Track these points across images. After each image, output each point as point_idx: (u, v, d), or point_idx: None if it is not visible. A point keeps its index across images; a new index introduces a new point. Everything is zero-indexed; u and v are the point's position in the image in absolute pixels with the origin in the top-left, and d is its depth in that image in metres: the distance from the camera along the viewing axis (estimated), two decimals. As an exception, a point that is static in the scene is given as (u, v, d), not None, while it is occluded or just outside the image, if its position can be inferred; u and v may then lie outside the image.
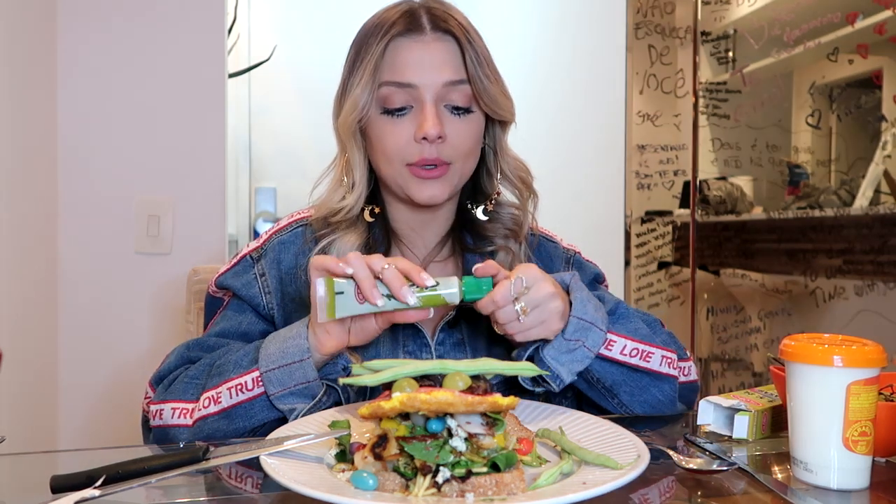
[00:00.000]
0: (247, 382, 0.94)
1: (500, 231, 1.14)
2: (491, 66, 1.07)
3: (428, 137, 1.01)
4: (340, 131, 1.08)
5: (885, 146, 2.20)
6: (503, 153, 1.13)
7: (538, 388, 0.99)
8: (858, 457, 0.74)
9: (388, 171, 1.07)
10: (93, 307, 1.88)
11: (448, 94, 1.04)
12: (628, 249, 2.95)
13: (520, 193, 1.15)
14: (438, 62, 1.03)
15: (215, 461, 0.77)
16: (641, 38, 2.93)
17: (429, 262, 1.14)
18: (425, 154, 1.03)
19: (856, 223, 2.24)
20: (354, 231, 1.08)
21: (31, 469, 0.93)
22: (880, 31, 2.18)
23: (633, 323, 1.03)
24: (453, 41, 1.05)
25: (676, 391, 1.05)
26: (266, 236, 1.13)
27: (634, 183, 2.94)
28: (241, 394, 0.94)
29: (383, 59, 1.04)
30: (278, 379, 0.92)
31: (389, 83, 1.03)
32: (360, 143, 1.08)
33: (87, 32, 1.87)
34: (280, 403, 0.93)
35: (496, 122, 1.11)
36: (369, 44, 1.05)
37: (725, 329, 2.80)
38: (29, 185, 1.76)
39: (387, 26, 1.04)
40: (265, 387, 0.92)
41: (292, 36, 2.93)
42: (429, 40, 1.04)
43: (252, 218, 3.02)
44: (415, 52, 1.03)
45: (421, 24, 1.04)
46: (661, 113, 2.94)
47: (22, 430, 1.72)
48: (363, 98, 1.04)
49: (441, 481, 0.67)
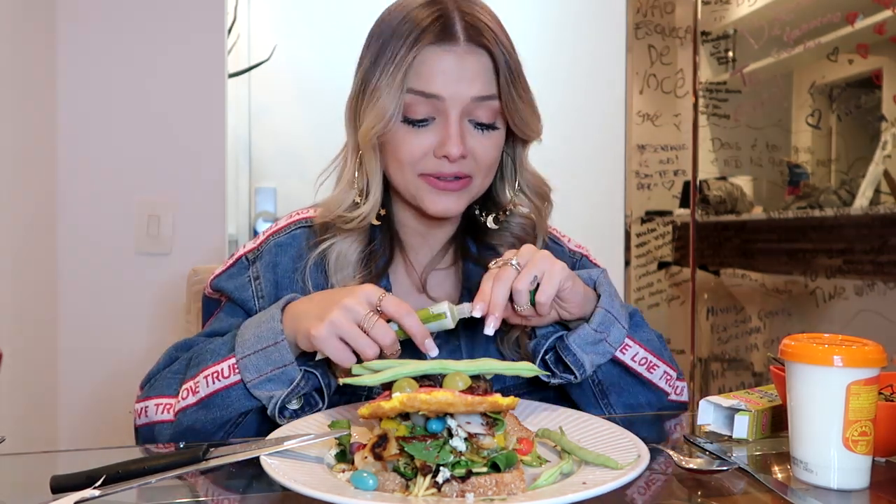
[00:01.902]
0: (223, 370, 0.91)
1: (506, 239, 1.10)
2: (523, 82, 1.02)
3: (450, 157, 0.97)
4: (361, 140, 1.02)
5: (885, 146, 2.20)
6: (521, 167, 1.09)
7: (555, 379, 0.98)
8: (858, 457, 0.74)
9: (400, 179, 1.02)
10: (93, 307, 1.88)
11: (474, 110, 0.99)
12: (628, 249, 2.95)
13: (536, 207, 1.10)
14: (470, 76, 0.97)
15: (215, 461, 0.77)
16: (641, 38, 2.93)
17: (429, 272, 1.11)
18: (444, 169, 0.99)
19: (856, 223, 2.24)
20: (356, 236, 1.05)
21: (31, 469, 0.93)
22: (880, 31, 2.18)
23: (646, 333, 1.04)
24: (487, 56, 0.98)
25: (662, 405, 1.05)
26: (263, 237, 1.09)
27: (634, 183, 2.94)
28: (218, 381, 0.91)
29: (412, 66, 0.97)
30: (254, 365, 0.90)
31: (415, 92, 0.97)
32: (377, 149, 1.02)
33: (87, 32, 1.87)
34: (257, 391, 0.90)
35: (518, 136, 1.06)
36: (396, 47, 0.98)
37: (725, 329, 2.80)
38: (29, 185, 1.76)
39: (417, 32, 0.97)
40: (241, 374, 0.90)
41: (292, 36, 2.93)
42: (462, 52, 0.97)
43: (252, 218, 3.02)
44: (445, 63, 0.97)
45: (454, 34, 0.97)
46: (661, 113, 2.93)
47: (22, 430, 1.72)
48: (391, 108, 0.97)
49: (441, 481, 0.67)
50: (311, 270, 1.05)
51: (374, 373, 0.78)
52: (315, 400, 0.93)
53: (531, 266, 0.91)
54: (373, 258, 1.06)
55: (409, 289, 1.11)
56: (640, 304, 2.94)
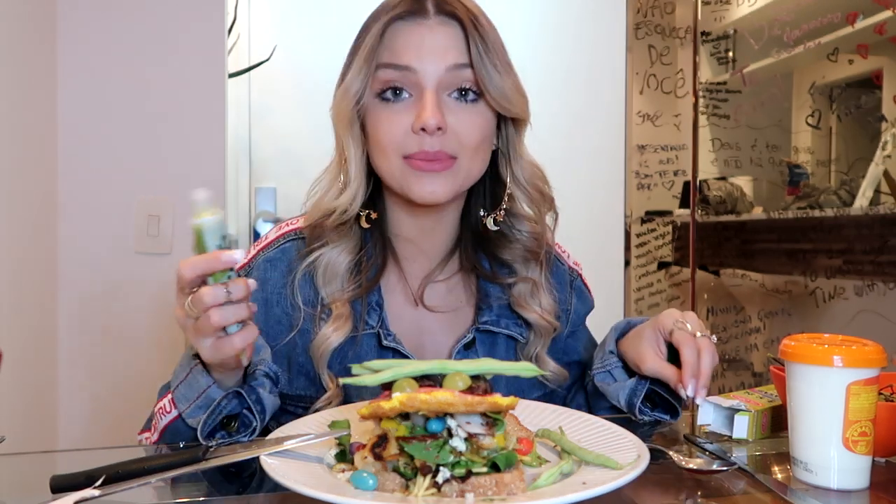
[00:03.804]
0: (166, 405, 0.90)
1: (518, 253, 1.06)
2: (501, 56, 0.97)
3: (427, 128, 0.93)
4: (335, 121, 0.99)
5: (885, 146, 2.20)
6: (516, 154, 1.04)
7: (646, 417, 0.99)
8: (858, 457, 0.74)
9: (385, 165, 0.98)
10: (93, 307, 1.88)
11: (452, 81, 0.95)
12: (628, 249, 2.95)
13: (535, 204, 1.06)
14: (441, 46, 0.95)
15: (215, 461, 0.77)
16: (641, 38, 2.92)
17: (426, 284, 1.05)
18: (425, 146, 0.94)
19: (856, 223, 2.24)
20: (346, 242, 1.00)
21: (31, 469, 0.93)
22: (880, 31, 2.18)
23: None
24: (458, 26, 0.96)
25: None
26: (253, 252, 1.05)
27: (634, 183, 2.94)
28: (164, 416, 0.90)
29: (381, 42, 0.96)
30: (183, 395, 0.87)
31: (386, 65, 0.95)
32: (357, 135, 0.99)
33: (87, 32, 1.87)
34: (190, 419, 0.87)
35: (508, 120, 1.02)
36: (368, 26, 0.98)
37: (725, 329, 2.80)
38: (29, 185, 1.76)
39: (388, 8, 0.97)
40: (178, 406, 0.88)
41: (292, 36, 2.93)
42: (432, 24, 0.96)
43: (252, 218, 3.02)
44: (415, 35, 0.95)
45: (424, 7, 0.96)
46: (661, 113, 2.93)
47: (22, 430, 1.72)
48: (356, 83, 0.96)
49: (441, 481, 0.67)
50: (299, 283, 1.01)
51: (374, 373, 0.78)
52: (249, 419, 0.88)
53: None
54: (363, 268, 1.01)
55: (403, 302, 1.06)
56: (640, 304, 2.94)
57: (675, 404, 0.98)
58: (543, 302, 1.06)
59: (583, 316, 1.18)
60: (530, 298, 1.06)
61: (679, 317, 0.95)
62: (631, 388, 0.99)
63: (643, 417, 0.98)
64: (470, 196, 1.07)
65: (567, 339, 1.15)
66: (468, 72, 0.96)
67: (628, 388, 0.99)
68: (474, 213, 1.07)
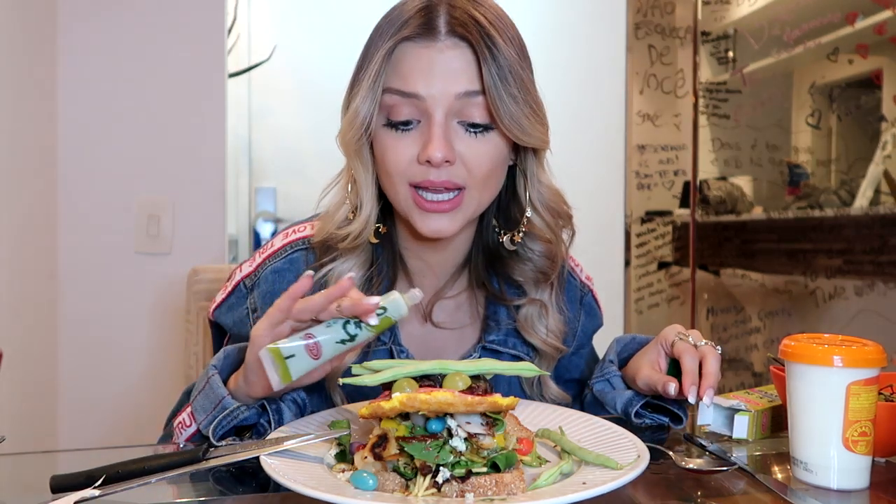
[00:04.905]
0: (185, 419, 0.90)
1: (529, 274, 1.02)
2: (518, 82, 0.90)
3: (432, 161, 0.88)
4: (342, 149, 0.95)
5: (885, 146, 2.20)
6: (534, 179, 0.99)
7: (647, 420, 0.98)
8: (858, 457, 0.74)
9: (392, 191, 0.93)
10: (93, 307, 1.88)
11: (463, 109, 0.90)
12: (628, 249, 2.95)
13: (552, 226, 1.01)
14: (451, 71, 0.89)
15: (215, 461, 0.77)
16: (641, 38, 2.93)
17: (435, 301, 1.02)
18: (431, 176, 0.89)
19: (856, 223, 2.24)
20: (357, 257, 0.96)
21: (31, 469, 0.93)
22: (880, 31, 2.18)
23: None
24: (470, 49, 0.89)
25: None
26: (260, 259, 1.01)
27: (634, 183, 2.94)
28: (184, 430, 0.89)
29: (389, 62, 0.90)
30: (202, 406, 0.86)
31: (394, 91, 0.90)
32: (366, 160, 0.94)
33: (87, 32, 1.87)
34: (206, 431, 0.85)
35: (528, 147, 0.96)
36: (375, 46, 0.91)
37: (725, 329, 2.80)
38: (29, 184, 1.76)
39: (397, 25, 0.90)
40: (196, 419, 0.87)
41: (292, 36, 2.93)
42: (442, 47, 0.89)
43: (252, 218, 3.02)
44: (424, 60, 0.89)
45: (435, 27, 0.89)
46: (661, 113, 2.94)
47: (22, 430, 1.72)
48: (364, 109, 0.90)
49: (441, 481, 0.67)
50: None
51: (374, 373, 0.78)
52: (264, 427, 0.87)
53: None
54: (373, 283, 0.97)
55: (412, 318, 1.03)
56: (640, 304, 2.94)
57: (678, 412, 0.96)
58: (550, 323, 1.04)
59: (590, 333, 1.16)
60: (537, 321, 1.03)
61: (682, 329, 0.95)
62: (628, 398, 0.98)
63: (641, 422, 0.98)
64: (484, 212, 1.02)
65: (571, 356, 1.13)
66: (480, 98, 0.90)
67: (625, 397, 0.98)
68: (487, 230, 1.04)
